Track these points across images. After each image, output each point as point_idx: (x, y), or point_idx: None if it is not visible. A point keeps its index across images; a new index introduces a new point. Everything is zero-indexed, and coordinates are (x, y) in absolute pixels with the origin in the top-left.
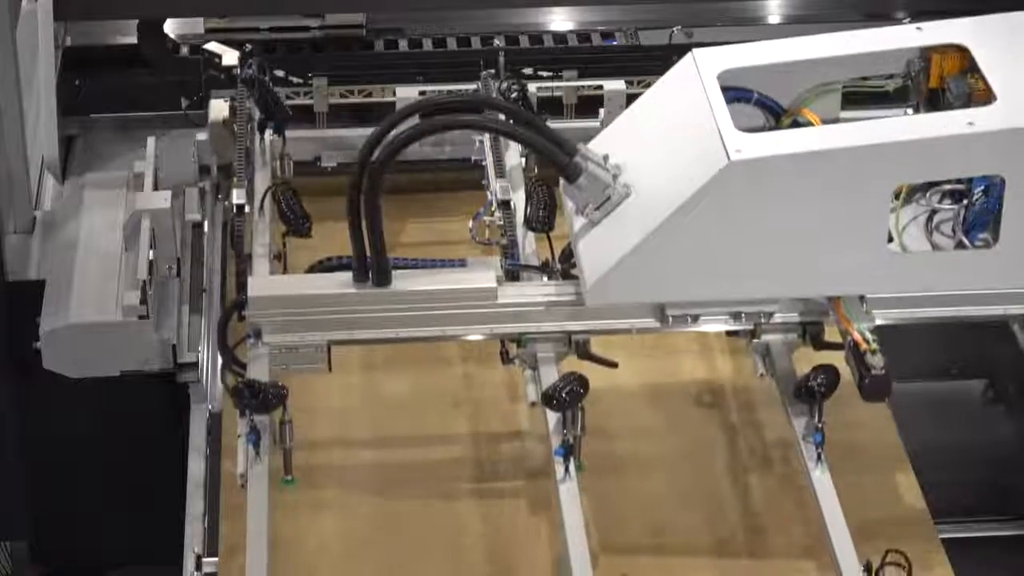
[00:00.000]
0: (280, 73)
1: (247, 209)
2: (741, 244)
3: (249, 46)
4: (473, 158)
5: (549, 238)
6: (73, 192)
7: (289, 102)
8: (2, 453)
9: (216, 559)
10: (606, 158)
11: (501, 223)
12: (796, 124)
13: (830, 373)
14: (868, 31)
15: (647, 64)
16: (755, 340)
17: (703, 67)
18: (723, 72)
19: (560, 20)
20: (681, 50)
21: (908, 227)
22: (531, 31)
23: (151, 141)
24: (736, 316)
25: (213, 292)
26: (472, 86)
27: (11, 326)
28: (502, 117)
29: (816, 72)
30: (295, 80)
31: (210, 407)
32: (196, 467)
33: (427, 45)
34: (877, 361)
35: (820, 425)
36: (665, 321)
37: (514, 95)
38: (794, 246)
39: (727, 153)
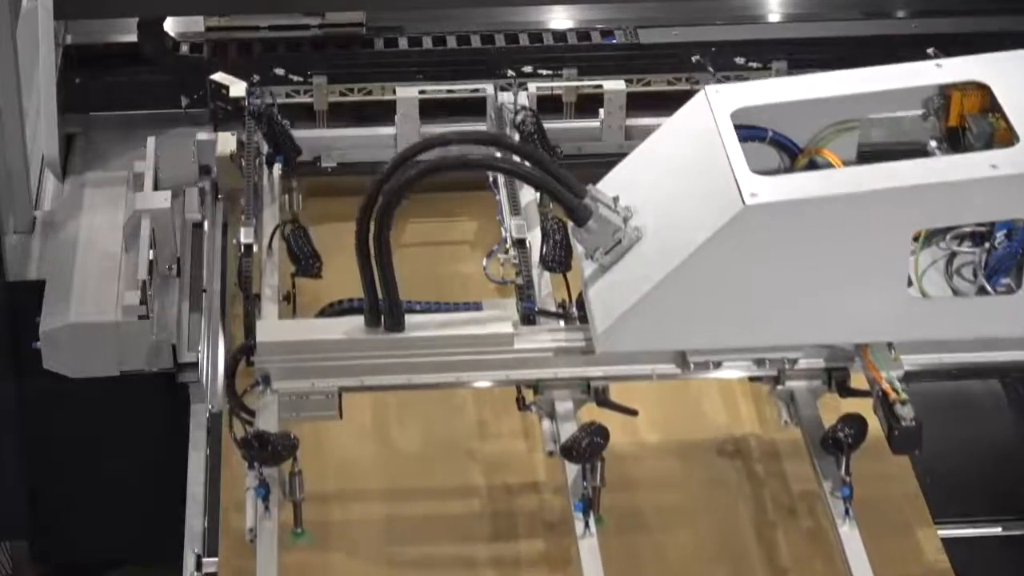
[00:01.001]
0: (280, 71)
1: (255, 248)
2: (756, 290)
3: (257, 77)
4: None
5: (566, 278)
6: (73, 192)
7: (289, 100)
8: (2, 453)
9: (216, 559)
10: (616, 200)
11: (516, 262)
12: (813, 164)
13: (857, 424)
14: (886, 68)
15: (646, 62)
16: (779, 387)
17: (716, 105)
18: (737, 110)
19: (560, 18)
20: (680, 48)
21: (928, 271)
22: (531, 29)
23: (151, 141)
24: (760, 362)
25: (213, 292)
26: (472, 85)
27: (11, 326)
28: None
29: (833, 110)
30: (295, 78)
31: (210, 407)
32: (196, 467)
33: (427, 43)
34: (907, 412)
35: (848, 479)
36: (686, 367)
37: (529, 129)
38: (810, 292)
39: (742, 197)
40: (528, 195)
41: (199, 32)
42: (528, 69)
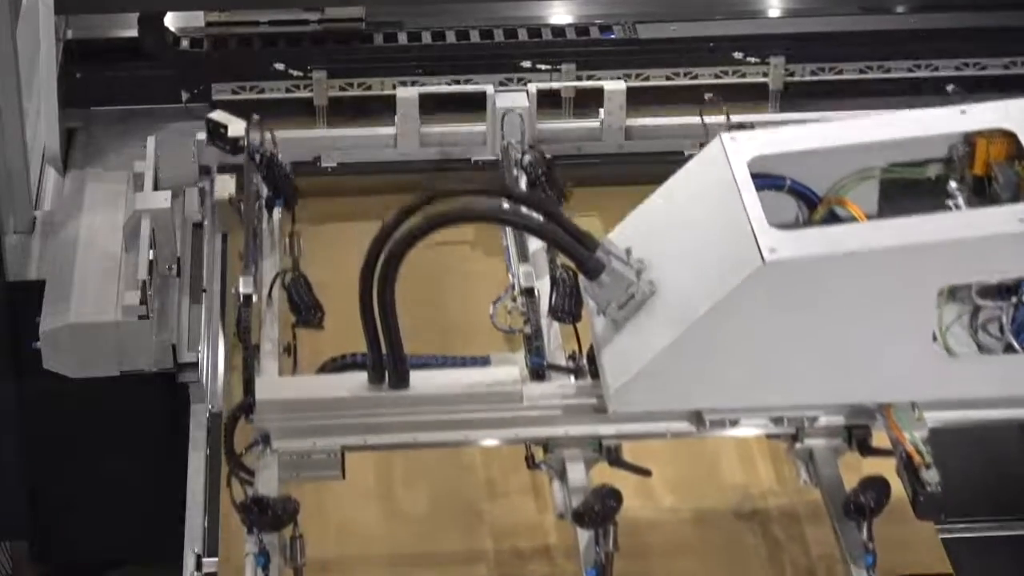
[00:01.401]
0: (280, 66)
1: (255, 299)
2: (775, 349)
3: (257, 116)
4: (474, 159)
5: (576, 328)
6: (73, 190)
7: (289, 95)
8: (2, 453)
9: (216, 559)
10: (628, 252)
11: (524, 310)
12: (832, 214)
13: (880, 487)
14: (908, 113)
15: (645, 58)
16: (797, 445)
17: (732, 153)
18: (754, 158)
19: (559, 14)
20: (679, 43)
21: (952, 327)
22: (530, 24)
23: (151, 141)
24: (778, 420)
25: (213, 292)
26: (473, 87)
27: (11, 326)
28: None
29: (853, 158)
30: (295, 73)
31: (210, 407)
32: (196, 467)
33: (426, 38)
34: (932, 477)
35: (871, 545)
36: (702, 425)
37: (537, 171)
38: (830, 351)
39: (761, 253)
40: (537, 241)
41: (199, 27)
42: (527, 64)
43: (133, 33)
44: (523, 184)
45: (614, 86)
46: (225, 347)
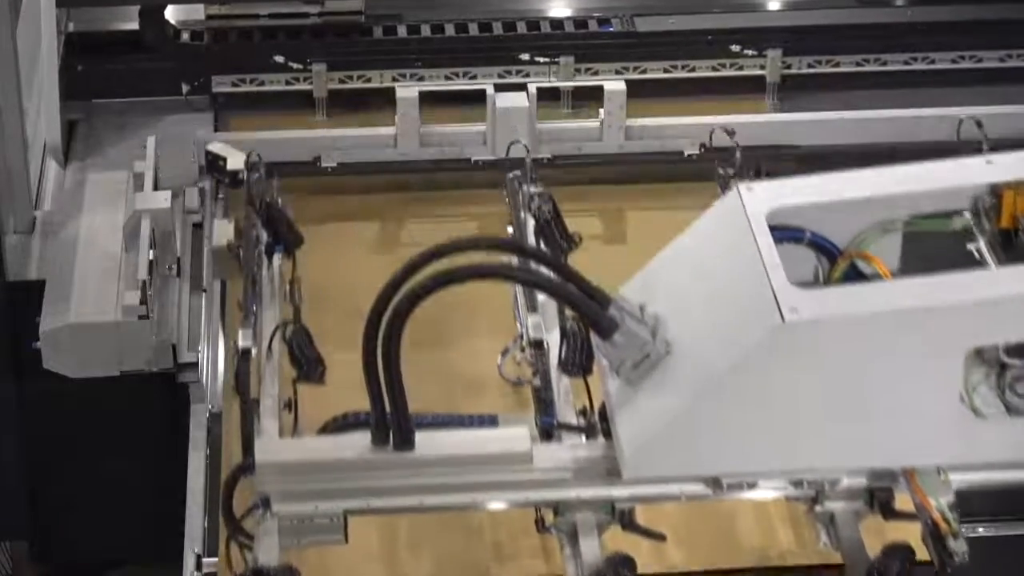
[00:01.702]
0: (279, 59)
1: (254, 352)
2: (796, 412)
3: (258, 155)
4: (474, 158)
5: (587, 382)
6: (73, 191)
7: (289, 88)
8: (2, 453)
9: (216, 559)
10: (643, 308)
11: (532, 360)
12: (854, 268)
13: (903, 554)
14: (932, 164)
15: (643, 50)
16: (818, 508)
17: (750, 205)
18: (773, 211)
19: (557, 6)
20: (677, 36)
21: (979, 387)
22: (528, 17)
23: (151, 141)
24: (797, 483)
25: (213, 292)
26: (473, 84)
27: (11, 326)
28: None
29: (875, 210)
30: (295, 66)
31: (210, 407)
32: (196, 467)
33: (425, 31)
34: (960, 547)
35: None
36: (718, 487)
37: (546, 216)
38: (853, 414)
39: (781, 313)
40: None
41: (200, 20)
42: (525, 57)
43: (134, 26)
44: (530, 227)
45: (614, 86)
46: (225, 347)
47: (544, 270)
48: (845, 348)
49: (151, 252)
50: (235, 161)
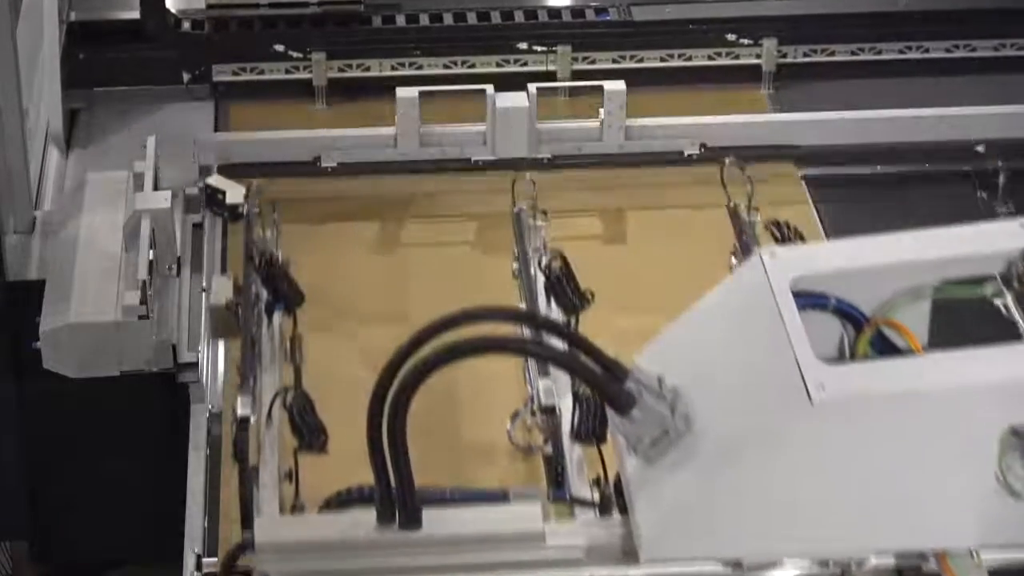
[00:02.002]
0: (280, 48)
1: (252, 420)
2: (822, 495)
3: (257, 185)
4: (474, 158)
5: (600, 450)
6: (73, 191)
7: (288, 76)
8: (2, 453)
9: (216, 559)
10: (661, 381)
11: (543, 426)
12: (881, 336)
13: None
14: (962, 229)
15: (639, 39)
16: None
17: (773, 273)
18: (797, 278)
19: None
20: (673, 25)
21: (1014, 466)
22: (526, 6)
23: (151, 141)
24: (822, 562)
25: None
26: (472, 86)
27: (11, 326)
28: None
29: (904, 276)
30: (295, 55)
31: (210, 407)
32: (196, 467)
33: (424, 20)
34: None
35: None
36: (740, 569)
37: (557, 273)
38: (882, 496)
39: (808, 393)
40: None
41: (200, 9)
42: (523, 46)
43: (135, 15)
44: (540, 285)
45: (614, 86)
46: (225, 347)
47: (557, 341)
48: (874, 427)
49: (151, 252)
50: (234, 195)
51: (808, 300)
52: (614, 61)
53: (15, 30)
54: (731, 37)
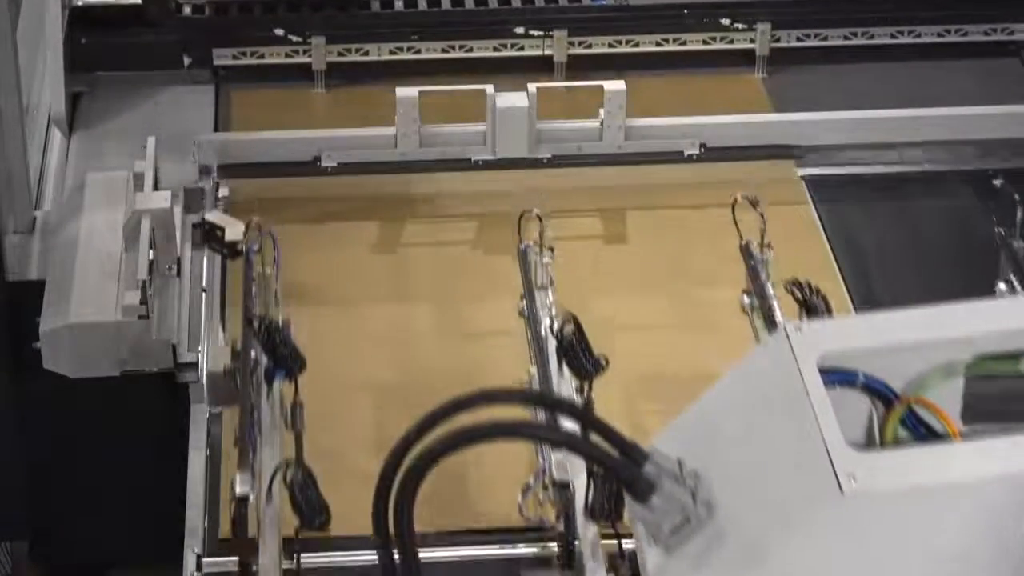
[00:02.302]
0: (279, 32)
1: (251, 498)
2: None
3: (259, 224)
4: (474, 158)
5: (616, 527)
6: (73, 192)
7: (288, 60)
8: (2, 453)
9: (216, 559)
10: (681, 465)
11: (556, 501)
12: (913, 414)
13: None
14: (996, 302)
15: (635, 24)
16: None
17: (799, 350)
18: (824, 355)
19: None
20: (669, 9)
21: None
22: None
23: (151, 141)
24: None
25: (213, 292)
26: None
27: (11, 326)
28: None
29: (938, 352)
30: (294, 39)
31: (210, 407)
32: (196, 467)
33: (422, 5)
34: None
35: None
36: None
37: (569, 339)
38: None
39: (839, 483)
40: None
41: None
42: (520, 30)
43: (137, 0)
44: (551, 349)
45: (614, 86)
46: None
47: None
48: (909, 520)
49: (151, 252)
50: (234, 231)
51: (835, 376)
52: (610, 46)
53: (15, 29)
54: (725, 22)
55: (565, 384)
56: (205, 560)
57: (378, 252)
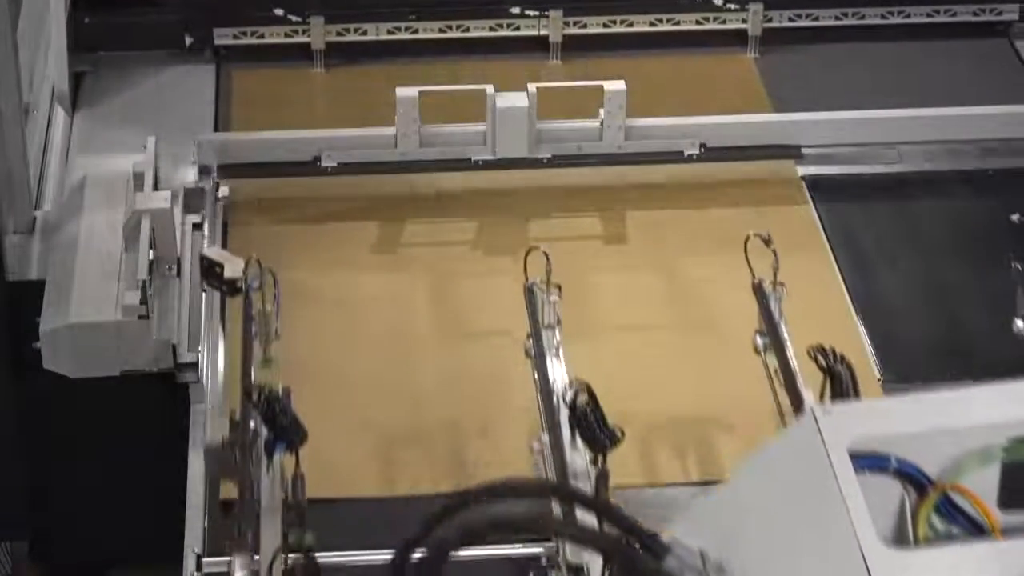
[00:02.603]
0: (279, 12)
1: None
2: None
3: (258, 262)
4: (474, 158)
5: None
6: (73, 192)
7: (288, 40)
8: (2, 453)
9: (216, 559)
10: (704, 557)
11: None
12: (947, 501)
13: None
14: None
15: (629, 3)
16: None
17: (828, 435)
18: (855, 440)
19: None
20: None
21: None
22: None
23: (151, 141)
24: None
25: (213, 292)
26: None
27: (11, 326)
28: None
29: (973, 436)
30: (293, 18)
31: (210, 407)
32: (196, 467)
33: None
34: None
35: None
36: None
37: (583, 409)
38: None
39: None
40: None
41: None
42: (516, 10)
43: None
44: (564, 420)
45: (614, 86)
46: (225, 347)
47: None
48: None
49: (151, 252)
50: (233, 269)
51: (866, 461)
52: (605, 26)
53: (16, 29)
54: (718, 2)
55: (579, 455)
56: (205, 560)
57: (378, 252)
